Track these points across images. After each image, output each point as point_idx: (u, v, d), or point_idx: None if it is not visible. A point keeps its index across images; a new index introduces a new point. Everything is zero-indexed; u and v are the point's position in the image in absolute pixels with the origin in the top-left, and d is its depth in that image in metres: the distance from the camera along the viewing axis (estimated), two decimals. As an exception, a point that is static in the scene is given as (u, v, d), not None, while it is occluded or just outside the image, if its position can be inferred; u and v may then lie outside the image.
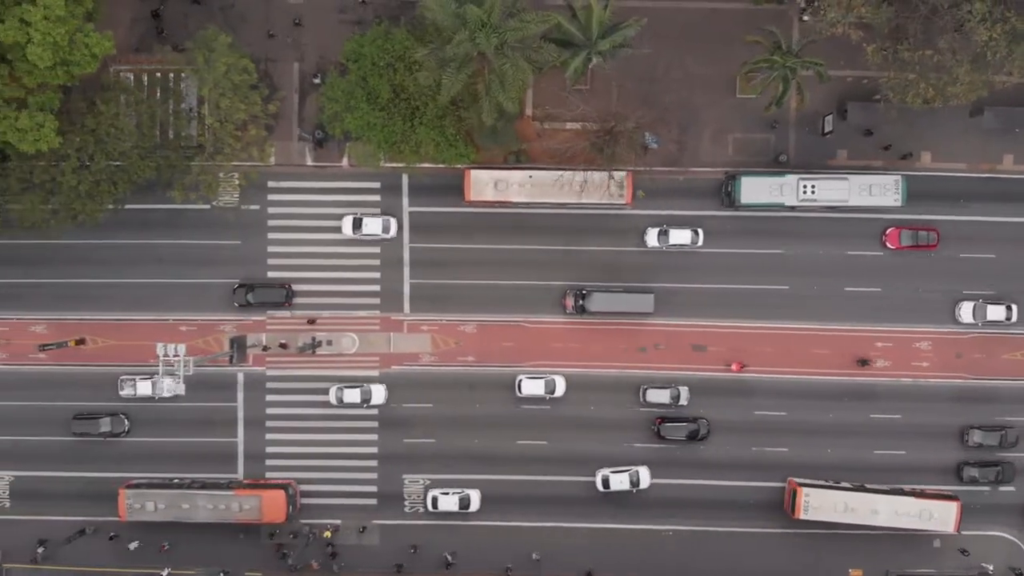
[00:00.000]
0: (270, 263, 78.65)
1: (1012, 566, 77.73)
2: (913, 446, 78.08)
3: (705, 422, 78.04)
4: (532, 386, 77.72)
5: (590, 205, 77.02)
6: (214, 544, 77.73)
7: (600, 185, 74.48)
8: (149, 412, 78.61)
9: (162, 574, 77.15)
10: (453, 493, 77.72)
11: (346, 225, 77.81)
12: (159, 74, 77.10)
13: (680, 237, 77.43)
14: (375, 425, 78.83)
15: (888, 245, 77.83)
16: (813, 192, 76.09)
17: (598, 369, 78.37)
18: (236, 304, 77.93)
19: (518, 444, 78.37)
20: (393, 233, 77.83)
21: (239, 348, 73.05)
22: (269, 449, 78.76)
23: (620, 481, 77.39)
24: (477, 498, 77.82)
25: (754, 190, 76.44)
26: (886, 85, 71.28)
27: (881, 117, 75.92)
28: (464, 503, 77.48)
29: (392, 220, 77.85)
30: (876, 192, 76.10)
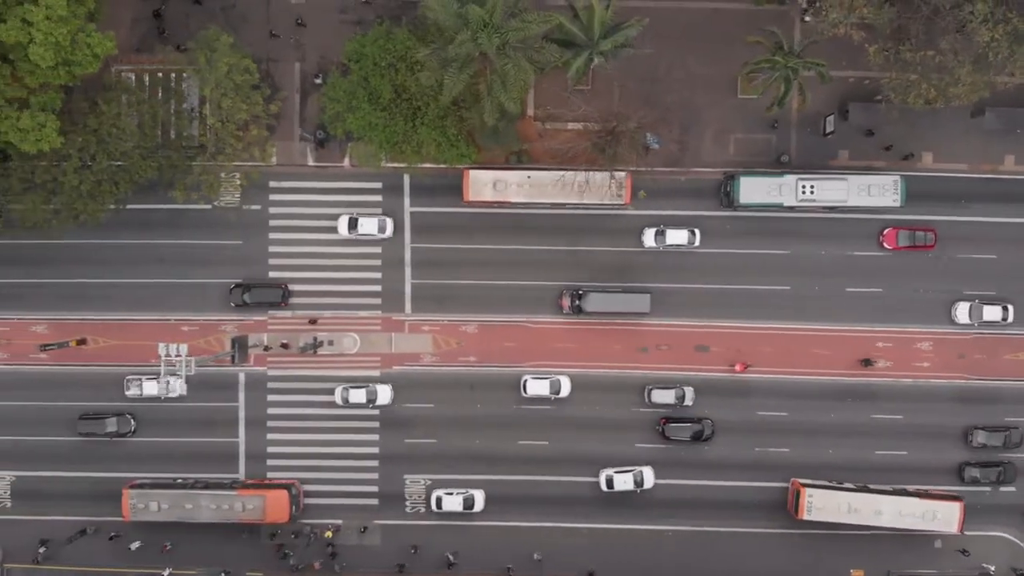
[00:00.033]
0: (271, 263, 78.63)
1: (1014, 566, 77.70)
2: (914, 446, 78.09)
3: (709, 422, 77.98)
4: (537, 386, 77.63)
5: (590, 205, 77.03)
6: (215, 544, 77.70)
7: (601, 185, 74.49)
8: (151, 412, 78.58)
9: (163, 574, 77.07)
10: (457, 493, 77.63)
11: (342, 225, 77.72)
12: (161, 74, 77.11)
13: (677, 237, 77.42)
14: (376, 425, 78.80)
15: (885, 245, 77.83)
16: (812, 192, 76.08)
17: (600, 369, 78.35)
18: (233, 304, 77.91)
19: (519, 444, 78.33)
20: (389, 233, 77.71)
21: (240, 348, 73.04)
22: (270, 449, 78.74)
23: (624, 481, 77.30)
24: (481, 498, 77.72)
25: (753, 190, 76.43)
26: (888, 86, 71.29)
27: (882, 118, 75.91)
28: (468, 503, 77.38)
29: (388, 220, 77.73)
30: (875, 192, 76.10)
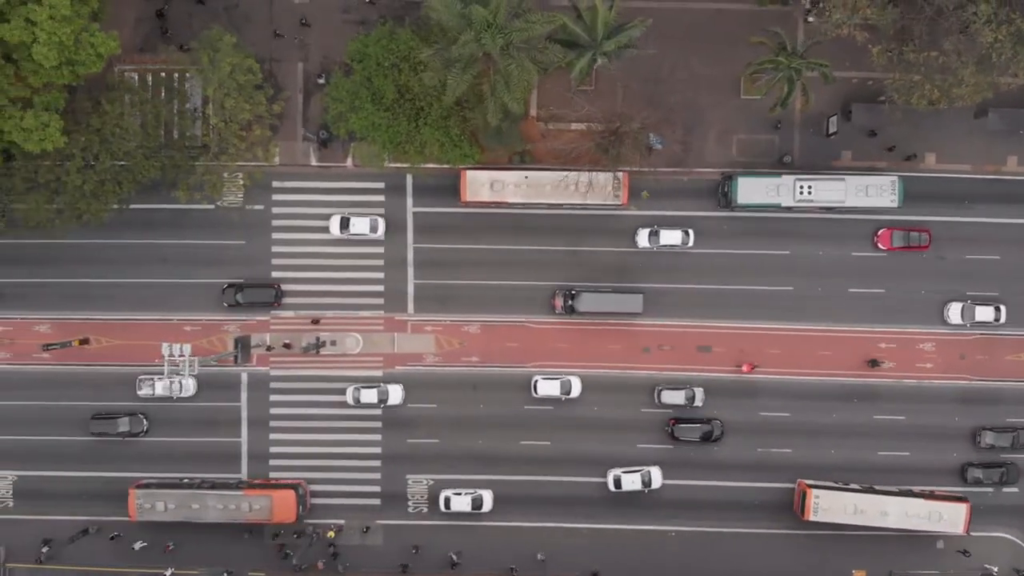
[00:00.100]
0: (274, 263, 78.57)
1: (1016, 567, 77.69)
2: (917, 447, 78.08)
3: (719, 423, 77.84)
4: (548, 387, 77.48)
5: (589, 206, 76.96)
6: (218, 544, 77.64)
7: (604, 186, 74.48)
8: (154, 412, 78.55)
9: (166, 574, 76.98)
10: (466, 494, 77.42)
11: (333, 224, 77.51)
12: (164, 74, 77.09)
13: (670, 238, 77.31)
14: (379, 425, 78.73)
15: (880, 246, 77.75)
16: (810, 193, 75.97)
17: (604, 370, 78.27)
18: (225, 304, 77.74)
19: (522, 445, 78.21)
20: (381, 233, 77.50)
21: (243, 348, 72.91)
22: (273, 449, 78.69)
23: (632, 481, 77.12)
24: (490, 498, 77.54)
25: (751, 191, 76.33)
26: (891, 86, 71.29)
27: (885, 118, 75.85)
28: (477, 503, 77.24)
29: (380, 220, 77.53)
30: (873, 193, 75.99)
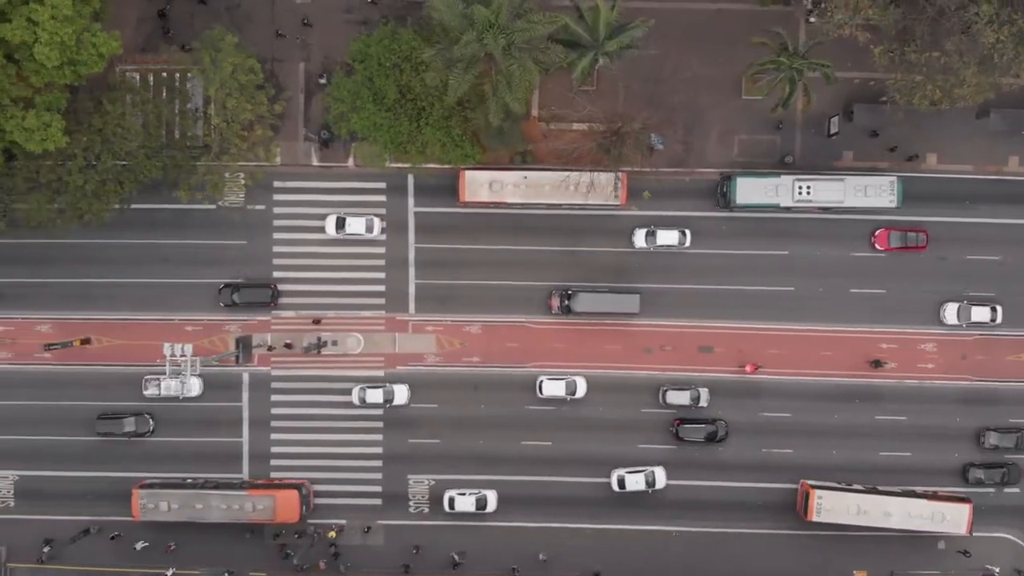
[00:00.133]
0: (275, 263, 78.54)
1: (1017, 568, 77.69)
2: (918, 448, 78.06)
3: (723, 423, 77.77)
4: (553, 387, 77.43)
5: (590, 206, 76.94)
6: (219, 544, 77.58)
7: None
8: (158, 412, 78.49)
9: (167, 574, 76.99)
10: (470, 494, 77.32)
11: (329, 225, 77.44)
12: (165, 74, 77.08)
13: (667, 238, 77.25)
14: (380, 425, 78.72)
15: (877, 246, 77.70)
16: (808, 193, 75.92)
17: (605, 370, 78.22)
18: (222, 304, 77.69)
19: (523, 445, 78.16)
20: (377, 232, 77.43)
21: (244, 348, 72.85)
22: (274, 449, 78.66)
23: (636, 481, 77.00)
24: (494, 499, 77.45)
25: (749, 191, 76.25)
26: (893, 87, 71.26)
27: (887, 119, 75.82)
28: (481, 503, 77.14)
29: (376, 220, 77.46)
30: (872, 193, 75.91)
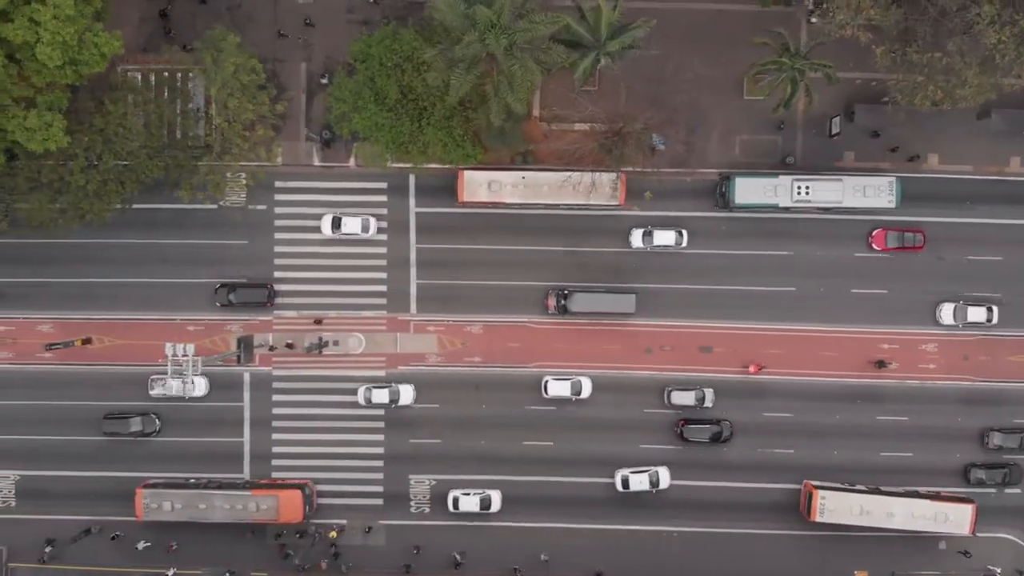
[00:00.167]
0: (277, 263, 78.55)
1: (1019, 568, 77.67)
2: (920, 448, 78.04)
3: (728, 424, 77.74)
4: (558, 387, 77.43)
5: (588, 206, 76.94)
6: (220, 544, 77.60)
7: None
8: (162, 412, 78.54)
9: (168, 574, 76.98)
10: (474, 494, 77.32)
11: (325, 224, 77.43)
12: (167, 74, 77.07)
13: (664, 238, 77.26)
14: (381, 425, 78.72)
15: (874, 247, 77.69)
16: (807, 193, 75.93)
17: (606, 370, 78.20)
18: (218, 304, 77.71)
19: (524, 445, 78.14)
20: (372, 232, 77.41)
21: (246, 348, 72.90)
22: (275, 449, 78.66)
23: (640, 481, 76.99)
24: (498, 499, 77.45)
25: (748, 191, 76.21)
26: (895, 87, 71.27)
27: (889, 119, 75.80)
28: (485, 503, 77.15)
29: (371, 219, 77.42)
30: (870, 193, 75.91)
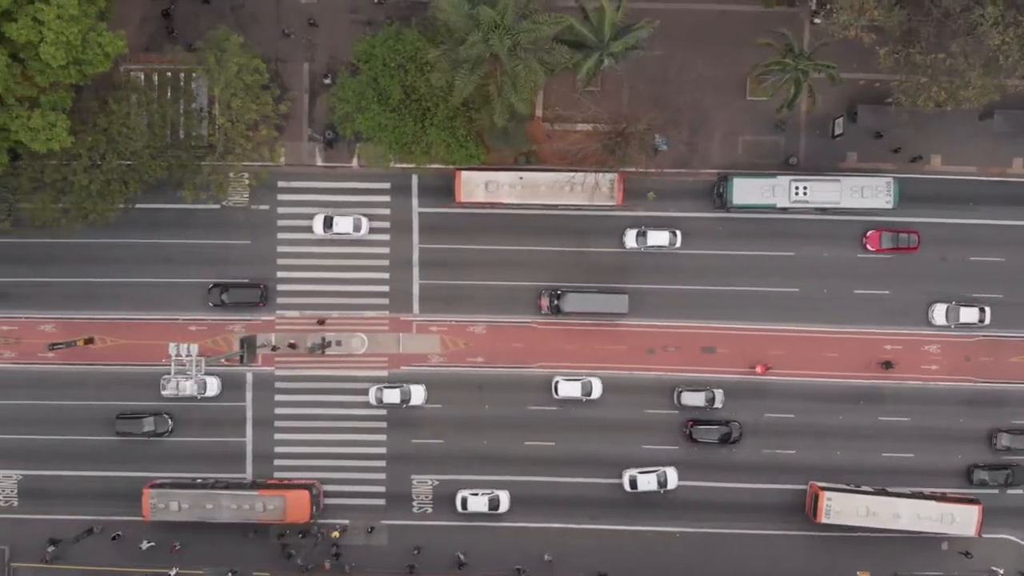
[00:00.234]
0: (279, 263, 78.56)
1: (1021, 570, 77.70)
2: (922, 449, 78.07)
3: (737, 425, 77.67)
4: (569, 388, 77.43)
5: (587, 206, 76.99)
6: (223, 544, 77.63)
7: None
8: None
9: (170, 574, 76.96)
10: (483, 494, 77.31)
11: (317, 224, 77.39)
12: (170, 74, 77.10)
13: (657, 238, 77.25)
14: (384, 426, 78.76)
15: (868, 247, 77.66)
16: (805, 193, 75.92)
17: (611, 371, 78.17)
18: (211, 304, 77.70)
19: (527, 445, 78.14)
20: (364, 232, 77.39)
21: (249, 348, 72.87)
22: (278, 449, 78.68)
23: (648, 482, 76.94)
24: (507, 499, 77.49)
25: (746, 191, 76.20)
26: (898, 88, 71.33)
27: (892, 120, 75.83)
28: (494, 504, 77.15)
29: (364, 219, 77.40)
30: (868, 194, 75.92)
